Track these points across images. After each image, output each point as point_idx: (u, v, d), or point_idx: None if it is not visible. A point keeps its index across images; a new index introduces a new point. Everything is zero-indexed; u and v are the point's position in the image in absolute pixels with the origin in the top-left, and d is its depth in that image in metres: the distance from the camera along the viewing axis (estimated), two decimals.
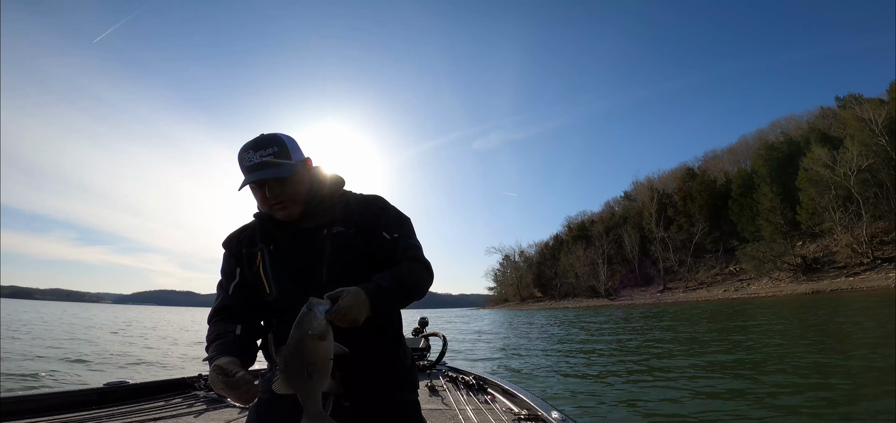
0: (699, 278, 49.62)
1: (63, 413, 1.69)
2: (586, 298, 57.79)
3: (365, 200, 1.10)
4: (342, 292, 0.82)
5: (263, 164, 0.95)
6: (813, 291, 31.83)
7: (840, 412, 3.76)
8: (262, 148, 0.96)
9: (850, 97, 41.86)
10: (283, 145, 0.98)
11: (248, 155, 0.96)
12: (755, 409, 3.93)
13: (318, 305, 0.72)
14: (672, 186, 59.39)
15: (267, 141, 0.97)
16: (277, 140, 0.98)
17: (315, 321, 0.70)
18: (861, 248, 35.17)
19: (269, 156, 0.96)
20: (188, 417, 1.83)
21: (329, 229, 1.02)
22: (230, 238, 1.11)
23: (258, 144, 0.97)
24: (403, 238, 1.05)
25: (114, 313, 41.29)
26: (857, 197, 36.02)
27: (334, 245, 1.01)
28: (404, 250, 1.03)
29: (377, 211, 1.07)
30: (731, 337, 10.11)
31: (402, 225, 1.08)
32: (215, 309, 1.06)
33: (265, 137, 0.98)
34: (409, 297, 0.98)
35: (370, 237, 1.04)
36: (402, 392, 1.06)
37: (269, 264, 1.02)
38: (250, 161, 0.96)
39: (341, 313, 0.78)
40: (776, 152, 45.83)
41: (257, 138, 0.98)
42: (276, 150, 0.97)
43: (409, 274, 0.98)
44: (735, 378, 5.39)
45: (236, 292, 1.05)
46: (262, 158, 0.95)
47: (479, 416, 1.90)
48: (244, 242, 1.07)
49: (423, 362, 2.87)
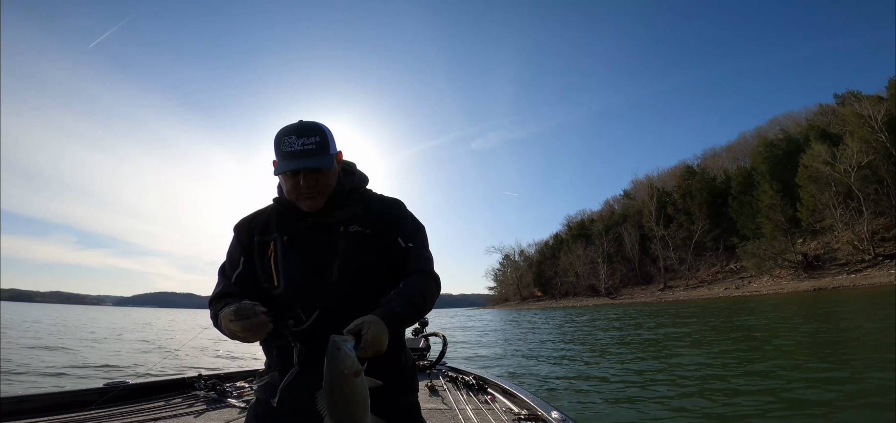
0: (700, 277, 49.60)
1: (63, 413, 1.70)
2: (586, 297, 57.78)
3: (385, 203, 1.10)
4: (363, 324, 0.82)
5: (305, 152, 0.95)
6: (815, 288, 31.78)
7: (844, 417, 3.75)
8: (305, 135, 0.95)
9: (848, 94, 41.83)
10: (324, 136, 0.97)
11: (290, 140, 0.95)
12: (756, 409, 3.93)
13: (345, 342, 0.72)
14: (671, 184, 59.40)
15: (310, 129, 0.96)
16: (320, 130, 0.97)
17: (349, 360, 0.70)
18: (862, 245, 35.13)
19: (312, 145, 0.95)
20: (188, 417, 1.83)
21: (346, 227, 1.02)
22: (242, 223, 1.08)
23: (301, 130, 0.96)
24: (417, 248, 1.06)
25: (124, 315, 41.31)
26: (858, 194, 35.98)
27: (349, 244, 1.00)
28: (416, 261, 1.04)
29: (396, 216, 1.07)
30: (733, 336, 10.10)
31: (417, 234, 1.08)
32: (217, 294, 1.04)
33: (307, 124, 0.97)
34: (419, 315, 1.00)
35: (386, 241, 1.03)
36: (402, 394, 1.06)
37: (281, 255, 1.00)
38: (291, 146, 0.95)
39: (370, 348, 0.79)
40: (775, 149, 45.82)
41: (300, 125, 0.97)
42: (318, 140, 0.96)
43: (419, 293, 0.99)
44: (736, 378, 5.38)
45: (238, 282, 1.04)
46: (303, 146, 0.94)
47: (479, 416, 1.90)
48: (256, 229, 1.05)
49: (423, 362, 2.87)
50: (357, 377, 0.70)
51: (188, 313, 69.95)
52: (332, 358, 0.70)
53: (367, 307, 0.94)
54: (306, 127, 0.96)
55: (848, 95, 41.80)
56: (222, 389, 2.17)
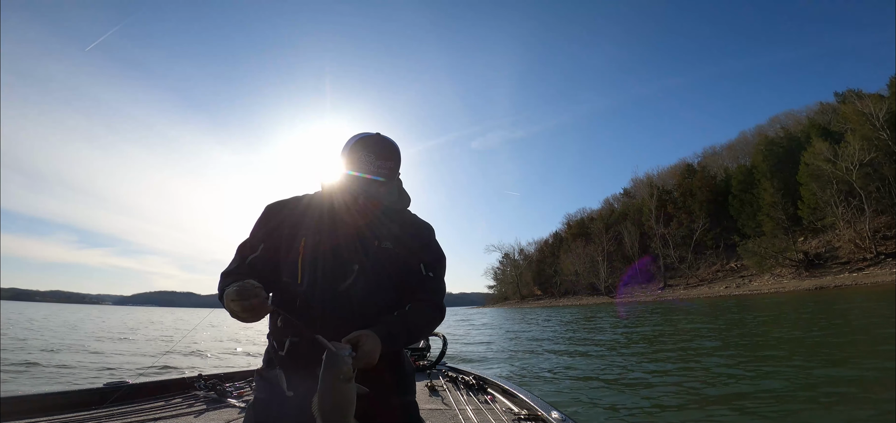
0: (700, 275, 49.58)
1: (63, 413, 1.70)
2: (586, 295, 57.79)
3: (418, 226, 1.11)
4: (361, 336, 0.85)
5: (380, 173, 0.94)
6: (816, 287, 31.72)
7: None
8: (383, 159, 0.94)
9: (849, 92, 41.71)
10: (398, 162, 0.97)
11: (369, 158, 0.94)
12: (758, 409, 3.92)
13: (342, 349, 0.78)
14: (672, 182, 59.32)
15: (390, 152, 0.95)
16: (397, 154, 0.96)
17: (345, 367, 0.76)
18: (864, 243, 35.06)
19: (387, 171, 0.95)
20: (188, 417, 1.83)
21: (379, 243, 1.02)
22: (274, 209, 1.06)
23: (382, 152, 0.94)
24: (435, 280, 1.07)
25: (125, 314, 41.44)
26: (860, 191, 35.88)
27: (376, 259, 1.01)
28: (430, 292, 1.06)
29: (425, 241, 1.09)
30: (734, 335, 10.10)
31: (438, 265, 1.10)
32: (228, 271, 1.03)
33: (388, 145, 0.96)
34: (412, 342, 1.04)
35: (409, 262, 1.05)
36: (401, 394, 1.07)
37: (309, 255, 0.99)
38: (369, 165, 0.94)
39: (363, 361, 0.83)
40: (776, 147, 45.72)
41: (383, 143, 0.95)
42: (392, 166, 0.96)
43: (420, 325, 1.02)
44: (737, 379, 5.38)
45: (253, 265, 1.03)
46: (379, 170, 0.94)
47: (479, 416, 1.90)
48: (288, 220, 1.03)
49: (423, 362, 2.87)
50: (348, 383, 0.77)
51: (189, 312, 70.10)
52: (330, 363, 0.76)
53: (377, 319, 0.98)
54: (387, 149, 0.95)
55: (849, 94, 41.69)
56: (222, 389, 2.17)
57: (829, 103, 47.79)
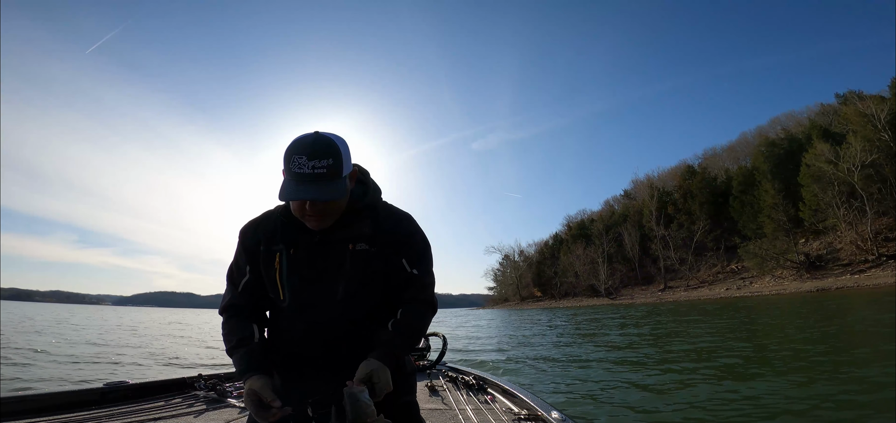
0: (700, 277, 49.48)
1: (63, 413, 1.70)
2: (586, 297, 57.70)
3: (396, 219, 1.05)
4: (372, 372, 0.86)
5: (316, 177, 0.85)
6: (818, 288, 31.62)
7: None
8: (317, 157, 0.85)
9: (850, 94, 41.68)
10: (339, 158, 0.87)
11: (300, 161, 0.85)
12: (758, 410, 3.91)
13: (361, 393, 0.80)
14: (672, 183, 59.26)
15: (323, 149, 0.86)
16: (334, 150, 0.87)
17: (370, 410, 0.79)
18: (866, 245, 34.97)
19: (323, 169, 0.85)
20: (188, 417, 1.83)
21: (354, 245, 0.98)
22: (247, 229, 1.05)
23: (314, 150, 0.85)
24: (421, 276, 1.04)
25: (124, 314, 41.44)
26: (861, 193, 35.78)
27: (355, 262, 0.98)
28: (418, 290, 1.03)
29: (405, 235, 1.03)
30: (734, 335, 10.07)
31: (422, 259, 1.05)
32: (226, 305, 1.04)
33: (322, 142, 0.87)
34: (413, 346, 1.03)
35: (392, 259, 1.01)
36: (401, 395, 1.07)
37: (286, 269, 0.98)
38: (300, 168, 0.85)
39: (382, 395, 0.86)
40: (777, 149, 45.65)
41: (313, 141, 0.86)
42: (330, 163, 0.86)
43: (416, 330, 1.01)
44: (738, 379, 5.36)
45: (246, 291, 1.02)
46: (314, 170, 0.85)
47: (479, 416, 1.91)
48: (262, 238, 1.01)
49: (423, 362, 2.87)
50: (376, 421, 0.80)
51: (189, 312, 70.02)
52: (355, 409, 0.78)
53: (368, 323, 0.98)
54: (319, 147, 0.86)
55: (850, 95, 41.66)
56: (222, 389, 2.17)
57: (829, 105, 47.76)
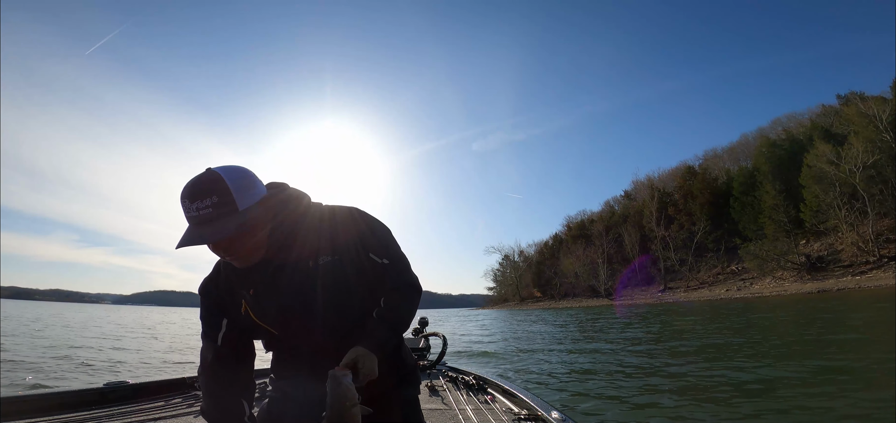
0: (701, 278, 49.41)
1: (63, 413, 1.70)
2: (586, 298, 57.63)
3: (346, 218, 0.99)
4: (357, 358, 0.85)
5: (201, 220, 0.80)
6: (819, 290, 31.51)
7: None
8: (198, 198, 0.79)
9: (852, 95, 41.62)
10: (225, 193, 0.80)
11: (186, 204, 0.80)
12: (758, 410, 3.90)
13: (344, 377, 0.80)
14: (672, 184, 59.17)
15: (203, 189, 0.79)
16: (217, 186, 0.80)
17: (350, 393, 0.79)
18: (867, 246, 34.85)
19: (207, 209, 0.79)
20: (188, 417, 1.83)
21: (315, 261, 0.94)
22: (207, 287, 1.00)
23: (194, 192, 0.79)
24: (393, 263, 1.00)
25: (123, 313, 41.46)
26: (863, 194, 35.68)
27: (325, 277, 0.94)
28: (394, 276, 1.00)
29: (361, 231, 0.99)
30: (734, 336, 10.06)
31: (387, 245, 1.01)
32: (206, 365, 0.97)
33: (201, 182, 0.80)
34: (403, 330, 1.02)
35: (358, 260, 0.98)
36: (404, 388, 1.09)
37: (257, 310, 0.95)
38: (188, 211, 0.81)
39: (366, 380, 0.85)
40: (778, 150, 45.57)
41: (194, 183, 0.81)
42: (215, 200, 0.79)
43: (400, 316, 0.98)
44: (737, 378, 5.35)
45: (226, 343, 0.97)
46: (199, 212, 0.79)
47: (479, 416, 1.90)
48: (223, 289, 0.97)
49: (423, 362, 2.87)
50: (354, 407, 0.79)
51: (189, 312, 70.03)
52: (335, 392, 0.78)
53: (354, 327, 0.97)
54: (198, 188, 0.80)
55: (851, 96, 41.60)
56: None
57: (831, 106, 47.66)
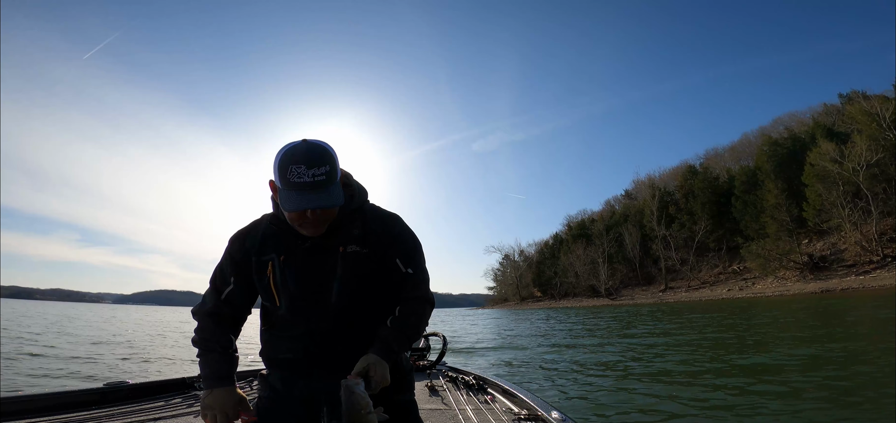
0: (702, 277, 49.26)
1: (63, 413, 1.70)
2: (586, 297, 57.55)
3: (383, 220, 1.05)
4: (369, 366, 0.88)
5: (315, 185, 0.85)
6: (822, 290, 31.34)
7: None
8: (315, 165, 0.85)
9: (854, 93, 41.41)
10: (334, 165, 0.88)
11: (299, 170, 0.84)
12: (757, 410, 3.89)
13: (357, 386, 0.82)
14: (674, 183, 58.98)
15: (319, 157, 0.86)
16: (329, 157, 0.87)
17: (365, 401, 0.80)
18: (870, 245, 34.64)
19: (322, 176, 0.85)
20: (188, 417, 1.83)
21: (345, 248, 0.99)
22: (237, 238, 1.04)
23: (311, 158, 0.85)
24: (416, 274, 1.05)
25: (125, 313, 41.59)
26: (867, 193, 35.47)
27: (347, 265, 0.98)
28: (414, 288, 1.04)
29: (394, 235, 1.04)
30: (734, 336, 10.02)
31: (415, 257, 1.06)
32: (207, 310, 1.03)
33: (318, 149, 0.87)
34: (413, 343, 1.05)
35: (384, 260, 1.02)
36: (400, 393, 1.08)
37: (279, 276, 0.98)
38: (300, 177, 0.85)
39: (378, 388, 0.88)
40: (780, 148, 45.36)
41: (309, 149, 0.86)
42: (328, 170, 0.86)
43: (414, 326, 1.02)
44: (738, 380, 5.33)
45: (228, 301, 1.03)
46: (314, 178, 0.85)
47: (479, 416, 1.90)
48: (252, 248, 1.01)
49: (423, 362, 2.87)
50: (370, 415, 0.80)
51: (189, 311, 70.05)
52: (350, 401, 0.80)
53: (364, 324, 0.99)
54: (315, 154, 0.86)
55: (854, 95, 41.39)
56: None
57: (833, 105, 47.46)
